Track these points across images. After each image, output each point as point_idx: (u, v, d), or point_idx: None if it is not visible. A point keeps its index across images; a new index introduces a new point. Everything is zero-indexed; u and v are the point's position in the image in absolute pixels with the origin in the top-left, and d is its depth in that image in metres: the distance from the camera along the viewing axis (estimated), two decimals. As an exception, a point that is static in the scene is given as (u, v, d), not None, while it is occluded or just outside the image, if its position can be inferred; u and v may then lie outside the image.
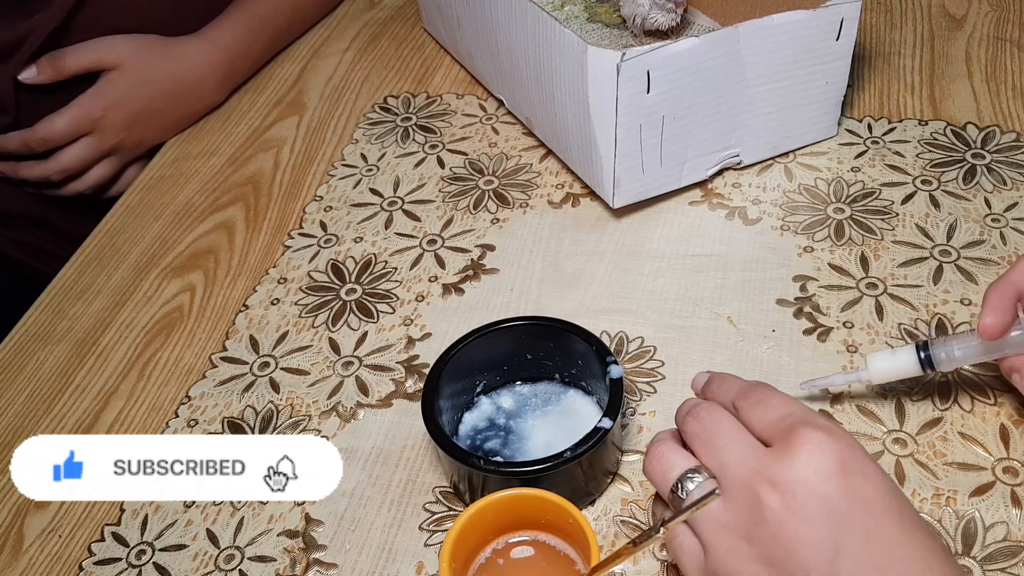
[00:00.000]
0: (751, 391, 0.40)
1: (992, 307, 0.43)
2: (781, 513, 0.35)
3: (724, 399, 0.41)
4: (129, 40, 0.77)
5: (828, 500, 0.35)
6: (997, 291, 0.44)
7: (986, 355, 0.46)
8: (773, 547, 0.35)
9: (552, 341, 0.50)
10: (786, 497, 0.35)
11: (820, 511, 0.34)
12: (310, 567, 0.47)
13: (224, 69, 0.80)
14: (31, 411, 0.58)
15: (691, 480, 0.38)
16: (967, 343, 0.46)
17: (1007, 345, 0.45)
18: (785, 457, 0.36)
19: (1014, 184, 0.63)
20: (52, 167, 0.78)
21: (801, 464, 0.35)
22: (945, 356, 0.46)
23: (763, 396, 0.39)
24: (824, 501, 0.35)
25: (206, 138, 0.79)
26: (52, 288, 0.66)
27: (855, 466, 0.35)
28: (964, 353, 0.46)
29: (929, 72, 0.74)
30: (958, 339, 0.46)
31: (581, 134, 0.61)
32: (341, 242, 0.66)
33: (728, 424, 0.39)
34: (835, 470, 0.35)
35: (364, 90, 0.81)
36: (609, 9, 0.75)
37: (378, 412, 0.54)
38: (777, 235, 0.62)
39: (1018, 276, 0.44)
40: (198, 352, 0.60)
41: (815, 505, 0.35)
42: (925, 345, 0.47)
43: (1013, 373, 0.45)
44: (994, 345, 0.45)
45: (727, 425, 0.39)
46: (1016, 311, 0.44)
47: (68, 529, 0.51)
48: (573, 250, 0.63)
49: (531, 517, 0.42)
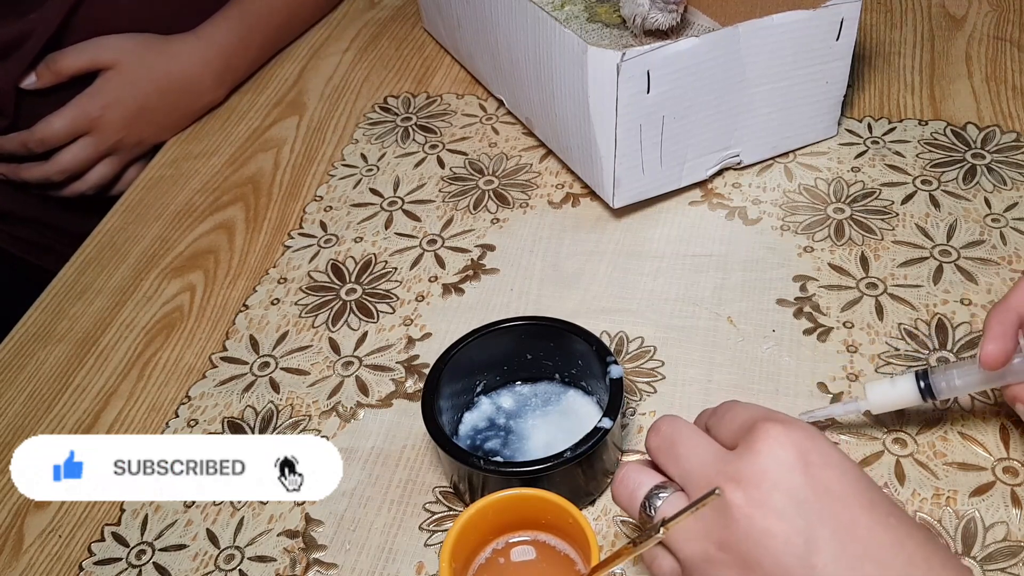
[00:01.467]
0: (718, 408, 0.40)
1: (994, 335, 0.42)
2: (747, 509, 0.34)
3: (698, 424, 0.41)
4: (124, 39, 0.77)
5: (793, 491, 0.34)
6: (997, 317, 0.42)
7: (987, 384, 0.44)
8: (747, 547, 0.34)
9: (552, 341, 0.50)
10: (750, 491, 0.34)
11: (787, 503, 0.34)
12: (310, 567, 0.47)
13: (219, 66, 0.80)
14: (31, 411, 0.58)
15: (658, 497, 0.38)
16: (968, 372, 0.44)
17: (1009, 373, 0.43)
18: (746, 454, 0.35)
19: (1014, 184, 0.63)
20: (52, 168, 0.78)
21: (762, 458, 0.35)
22: (946, 385, 0.45)
23: (728, 408, 0.39)
24: (789, 492, 0.34)
25: (206, 138, 0.79)
26: (52, 288, 0.67)
27: (816, 457, 0.35)
28: (965, 382, 0.44)
29: (929, 72, 0.74)
30: (959, 367, 0.45)
31: (581, 134, 0.61)
32: (341, 242, 0.66)
33: (687, 431, 0.39)
34: (796, 461, 0.34)
35: (364, 90, 0.81)
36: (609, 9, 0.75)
37: (378, 412, 0.54)
38: (777, 235, 0.62)
39: (1018, 301, 0.42)
40: (198, 352, 0.60)
41: (781, 497, 0.34)
42: (925, 374, 0.45)
43: (1017, 403, 0.43)
44: (996, 374, 0.43)
45: (686, 432, 0.39)
46: (1017, 338, 0.42)
47: (68, 529, 0.51)
48: (573, 250, 0.63)
49: (531, 517, 0.42)
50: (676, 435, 0.39)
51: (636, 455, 0.50)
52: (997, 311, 0.42)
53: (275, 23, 0.85)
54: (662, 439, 0.39)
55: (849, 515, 0.34)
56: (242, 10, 0.82)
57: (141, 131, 0.79)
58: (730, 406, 0.40)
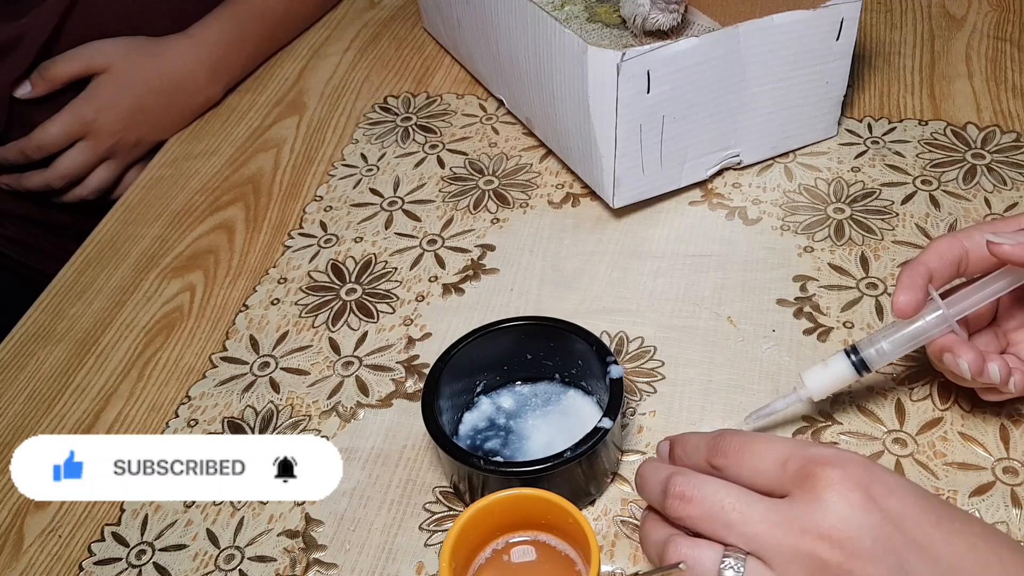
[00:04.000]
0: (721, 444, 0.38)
1: (904, 286, 0.44)
2: (848, 563, 0.34)
3: (695, 462, 0.39)
4: (115, 43, 0.77)
5: (875, 531, 0.34)
6: (908, 272, 0.44)
7: (912, 342, 0.45)
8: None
9: (552, 341, 0.50)
10: (843, 545, 0.34)
11: (875, 545, 0.34)
12: (310, 567, 0.47)
13: (212, 64, 0.81)
14: (31, 411, 0.58)
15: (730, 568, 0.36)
16: (892, 334, 0.46)
17: (929, 327, 0.44)
18: (816, 505, 0.34)
19: (1014, 184, 0.63)
20: (52, 174, 0.78)
21: (836, 507, 0.34)
22: (875, 353, 0.46)
23: (740, 446, 0.38)
24: (873, 534, 0.34)
25: (206, 138, 0.79)
26: (52, 288, 0.66)
27: (879, 488, 0.35)
28: (892, 345, 0.46)
29: (929, 72, 0.74)
30: (882, 333, 0.46)
31: (581, 134, 0.61)
32: (341, 242, 0.66)
33: (727, 492, 0.37)
34: (865, 500, 0.34)
35: (364, 90, 0.81)
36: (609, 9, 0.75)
37: (378, 412, 0.54)
38: (777, 235, 0.62)
39: (929, 257, 0.44)
40: (198, 352, 0.60)
41: (870, 541, 0.34)
42: (854, 349, 0.46)
43: (944, 353, 0.44)
44: (917, 330, 0.45)
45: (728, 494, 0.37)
46: (927, 290, 0.44)
47: (68, 529, 0.51)
48: (573, 250, 0.63)
49: (531, 517, 0.42)
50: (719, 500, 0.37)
51: (636, 455, 0.50)
52: (907, 266, 0.45)
53: (270, 21, 0.85)
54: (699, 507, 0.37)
55: (926, 536, 0.34)
56: (235, 10, 0.82)
57: (138, 132, 0.79)
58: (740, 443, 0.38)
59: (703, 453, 0.39)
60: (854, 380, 0.47)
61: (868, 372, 0.46)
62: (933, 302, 0.44)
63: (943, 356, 0.44)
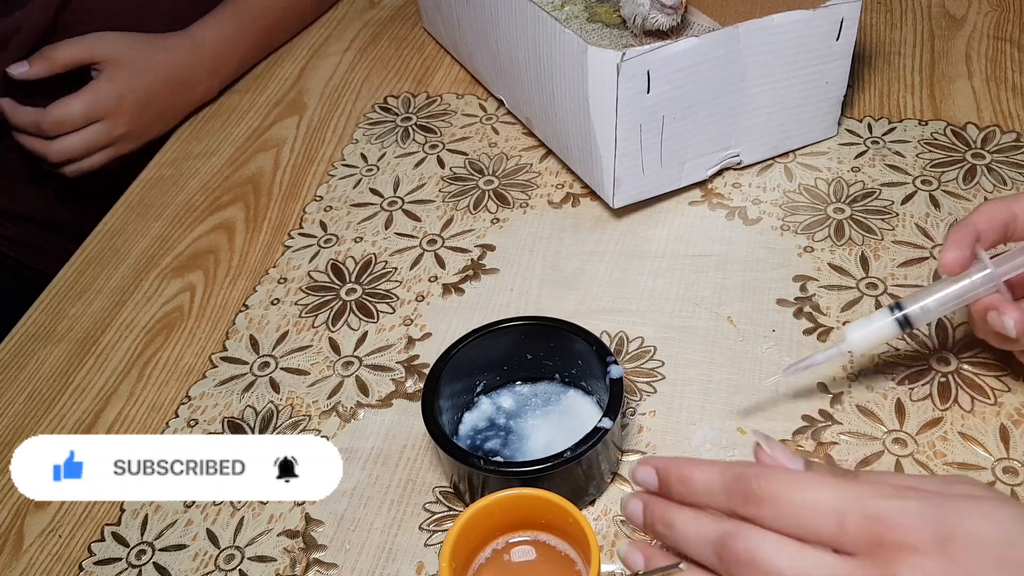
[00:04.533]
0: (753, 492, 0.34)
1: (952, 243, 0.44)
2: None
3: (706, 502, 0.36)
4: (120, 35, 0.77)
5: None
6: (957, 230, 0.45)
7: (957, 300, 0.46)
8: None
9: (552, 341, 0.50)
10: None
11: None
12: (310, 567, 0.47)
13: (212, 60, 0.80)
14: (31, 411, 0.58)
15: None
16: (937, 292, 0.46)
17: (975, 286, 0.45)
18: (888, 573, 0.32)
19: (1014, 184, 0.63)
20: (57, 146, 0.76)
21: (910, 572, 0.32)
22: (920, 310, 0.46)
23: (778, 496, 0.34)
24: None
25: (206, 138, 0.79)
26: (52, 288, 0.66)
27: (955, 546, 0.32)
28: (937, 303, 0.46)
29: (929, 72, 0.74)
30: (927, 291, 0.46)
31: (581, 134, 0.61)
32: (341, 242, 0.66)
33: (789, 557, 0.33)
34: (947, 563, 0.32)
35: (364, 90, 0.81)
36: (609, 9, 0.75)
37: (378, 412, 0.54)
38: (777, 235, 0.62)
39: (978, 219, 0.45)
40: (198, 352, 0.60)
41: None
42: (899, 305, 0.47)
43: (989, 312, 0.44)
44: (963, 288, 0.45)
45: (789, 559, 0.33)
46: (975, 249, 0.44)
47: (68, 529, 0.51)
48: (573, 250, 0.63)
49: (531, 517, 0.42)
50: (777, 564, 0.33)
51: (636, 455, 0.50)
52: (956, 225, 0.45)
53: (269, 21, 0.85)
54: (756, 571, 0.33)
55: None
56: (235, 9, 0.82)
57: (148, 121, 0.79)
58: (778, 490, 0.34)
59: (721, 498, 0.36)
60: (897, 336, 0.47)
61: (911, 329, 0.46)
62: (980, 262, 0.45)
63: (988, 315, 0.45)
